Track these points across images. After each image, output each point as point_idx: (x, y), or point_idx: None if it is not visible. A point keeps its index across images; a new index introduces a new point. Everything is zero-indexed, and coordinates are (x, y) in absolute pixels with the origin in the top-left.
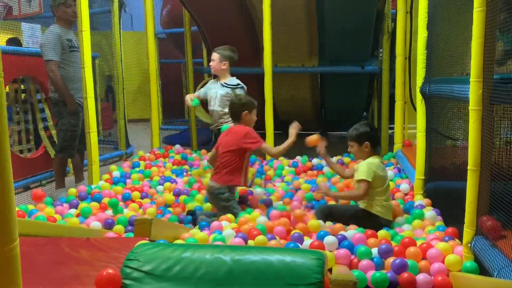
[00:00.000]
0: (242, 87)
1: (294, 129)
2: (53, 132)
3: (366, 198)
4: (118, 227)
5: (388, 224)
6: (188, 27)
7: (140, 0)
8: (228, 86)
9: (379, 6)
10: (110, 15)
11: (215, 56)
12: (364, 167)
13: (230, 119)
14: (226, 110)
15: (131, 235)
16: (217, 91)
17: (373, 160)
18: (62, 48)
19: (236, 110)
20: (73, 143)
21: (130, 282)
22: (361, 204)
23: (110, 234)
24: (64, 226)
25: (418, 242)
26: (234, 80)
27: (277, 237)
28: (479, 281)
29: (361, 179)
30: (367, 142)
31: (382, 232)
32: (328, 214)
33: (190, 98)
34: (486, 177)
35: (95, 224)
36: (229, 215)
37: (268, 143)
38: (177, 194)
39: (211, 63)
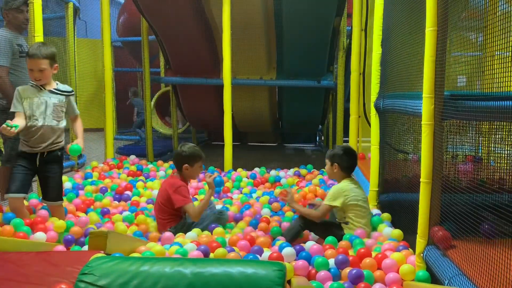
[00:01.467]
0: (74, 94)
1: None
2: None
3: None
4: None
5: None
6: (145, 36)
7: (94, 7)
8: (62, 92)
9: (335, 23)
10: (64, 21)
11: (43, 62)
12: (332, 192)
13: (61, 139)
14: (63, 124)
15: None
16: (46, 100)
17: (343, 186)
18: (12, 54)
19: (178, 160)
20: None
21: None
22: (345, 230)
23: (59, 247)
24: (10, 240)
25: (374, 253)
26: (65, 86)
27: (235, 249)
28: None
29: (325, 203)
30: (336, 163)
31: (342, 243)
32: (310, 223)
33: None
34: (437, 189)
35: (38, 235)
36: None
37: (226, 157)
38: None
39: (38, 75)
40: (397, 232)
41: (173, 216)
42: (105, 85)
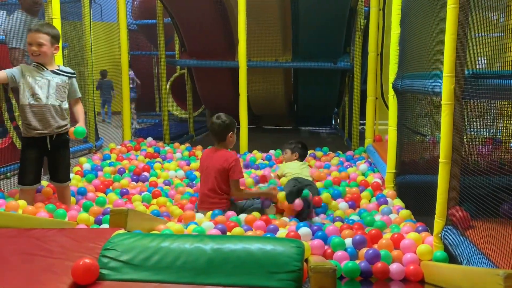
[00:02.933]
0: (76, 77)
1: (273, 191)
2: (20, 122)
3: None
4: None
5: None
6: (161, 19)
7: None
8: (65, 73)
9: (352, 3)
10: (79, 5)
11: (44, 38)
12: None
13: (67, 122)
14: (66, 106)
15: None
16: (49, 79)
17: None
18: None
19: (221, 131)
20: None
21: (107, 272)
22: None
23: (81, 226)
24: (33, 218)
25: (389, 234)
26: (67, 68)
27: (253, 228)
28: (449, 269)
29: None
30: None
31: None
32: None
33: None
34: (456, 170)
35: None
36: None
37: (242, 139)
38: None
39: (36, 48)
40: (406, 212)
41: (226, 195)
42: (122, 68)
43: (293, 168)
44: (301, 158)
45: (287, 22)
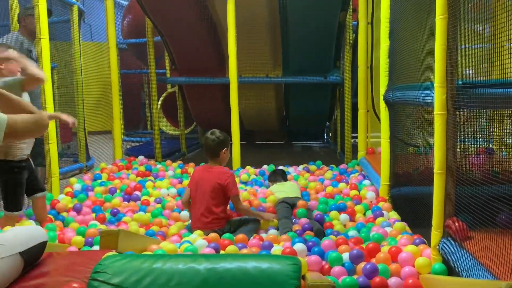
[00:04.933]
0: None
1: (268, 216)
2: None
3: None
4: (78, 239)
5: None
6: (151, 37)
7: (98, 11)
8: None
9: (341, 18)
10: (69, 25)
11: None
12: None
13: None
14: None
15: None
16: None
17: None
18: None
19: (215, 147)
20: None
21: None
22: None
23: (72, 248)
24: None
25: (387, 247)
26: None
27: (247, 246)
28: (448, 282)
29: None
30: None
31: (353, 239)
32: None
33: None
34: (451, 180)
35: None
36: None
37: (234, 155)
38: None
39: (4, 66)
40: (400, 224)
41: (222, 214)
42: (112, 87)
43: (277, 190)
44: (274, 181)
45: (277, 37)
